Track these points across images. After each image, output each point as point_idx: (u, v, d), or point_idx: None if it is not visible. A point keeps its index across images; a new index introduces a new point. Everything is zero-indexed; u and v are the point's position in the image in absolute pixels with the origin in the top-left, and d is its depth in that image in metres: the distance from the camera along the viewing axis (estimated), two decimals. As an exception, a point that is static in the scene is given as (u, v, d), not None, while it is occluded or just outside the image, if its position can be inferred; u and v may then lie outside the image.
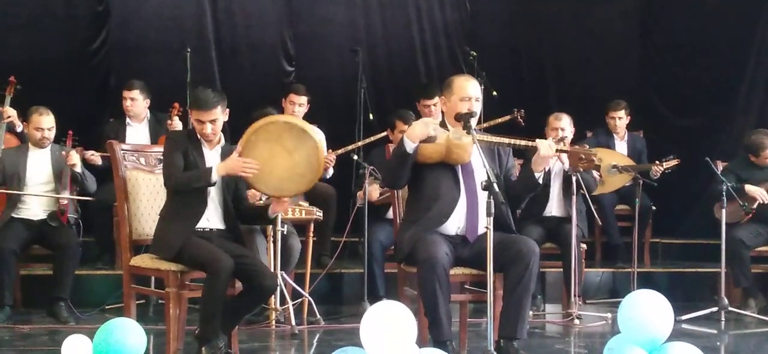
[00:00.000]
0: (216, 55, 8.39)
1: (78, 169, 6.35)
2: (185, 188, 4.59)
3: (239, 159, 4.53)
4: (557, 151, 4.69)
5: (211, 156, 4.70)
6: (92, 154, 6.84)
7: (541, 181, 4.63)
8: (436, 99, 6.52)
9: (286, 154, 4.53)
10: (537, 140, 4.58)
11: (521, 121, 6.99)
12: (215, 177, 4.56)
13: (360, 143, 7.06)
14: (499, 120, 7.00)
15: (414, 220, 4.61)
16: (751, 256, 6.87)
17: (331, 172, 7.20)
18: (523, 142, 4.66)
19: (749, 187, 6.81)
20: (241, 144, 4.56)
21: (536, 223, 6.51)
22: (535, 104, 7.96)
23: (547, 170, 4.73)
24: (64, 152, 6.35)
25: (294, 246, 6.16)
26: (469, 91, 4.64)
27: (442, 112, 4.78)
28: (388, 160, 4.80)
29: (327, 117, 7.68)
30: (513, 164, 4.88)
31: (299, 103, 7.09)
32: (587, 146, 5.27)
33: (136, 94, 7.09)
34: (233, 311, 4.63)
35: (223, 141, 4.78)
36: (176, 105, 7.04)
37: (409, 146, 4.49)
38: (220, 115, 4.67)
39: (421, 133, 4.51)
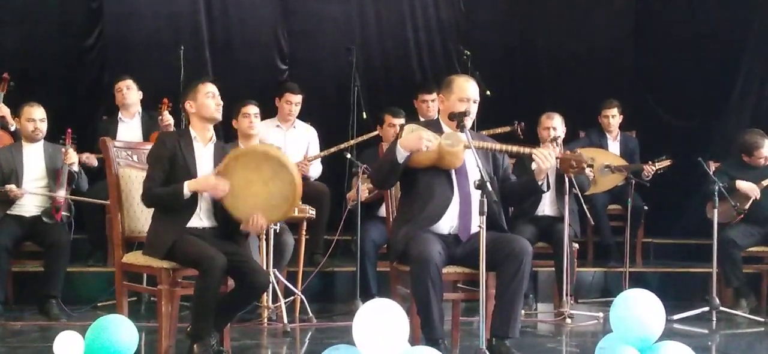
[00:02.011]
0: (210, 52, 8.38)
1: (76, 167, 6.36)
2: (159, 204, 4.60)
3: (211, 177, 4.55)
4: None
5: (204, 154, 4.70)
6: (87, 157, 6.82)
7: (544, 188, 4.66)
8: (435, 94, 6.52)
9: (262, 184, 4.54)
10: (534, 152, 4.57)
11: (521, 134, 6.97)
12: (187, 193, 4.57)
13: (353, 142, 7.06)
14: (499, 130, 6.98)
15: (407, 218, 4.61)
16: (743, 256, 6.88)
17: (319, 170, 7.20)
18: (516, 149, 4.67)
19: (740, 183, 6.82)
20: (220, 167, 4.57)
21: (529, 222, 6.52)
22: (529, 104, 7.96)
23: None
24: (64, 150, 6.34)
25: (287, 242, 6.16)
26: (468, 92, 4.64)
27: (439, 110, 4.78)
28: (378, 161, 4.80)
29: (320, 115, 7.68)
30: (508, 164, 4.88)
31: (295, 102, 7.09)
32: (578, 150, 5.26)
33: (129, 82, 7.10)
34: (225, 308, 4.63)
35: (215, 139, 4.78)
36: (166, 100, 7.04)
37: (401, 156, 4.49)
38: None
39: (415, 146, 4.49)
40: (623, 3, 9.05)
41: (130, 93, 7.09)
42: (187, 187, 4.56)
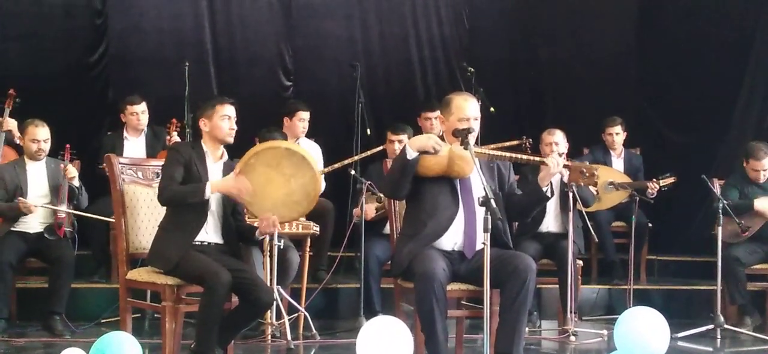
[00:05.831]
0: (214, 68, 8.41)
1: (76, 182, 6.36)
2: (178, 202, 4.59)
3: (237, 179, 4.54)
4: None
5: (215, 170, 4.71)
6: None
7: (549, 194, 4.67)
8: (437, 112, 6.53)
9: (283, 180, 4.56)
10: (547, 159, 4.62)
11: (528, 149, 6.99)
12: (208, 193, 4.56)
13: (357, 157, 7.07)
14: (507, 144, 7.00)
15: (411, 234, 4.60)
16: (747, 274, 6.87)
17: (323, 187, 7.19)
18: (524, 157, 4.69)
19: (758, 204, 6.76)
20: (240, 165, 4.57)
21: (533, 239, 6.50)
22: (532, 120, 7.96)
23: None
24: (62, 165, 6.35)
25: (293, 260, 6.16)
26: (467, 111, 4.63)
27: (442, 130, 4.79)
28: (389, 170, 4.81)
29: (325, 131, 7.69)
30: (514, 180, 4.89)
31: (307, 119, 7.11)
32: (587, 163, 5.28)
33: (144, 106, 7.14)
34: (230, 325, 4.63)
35: (226, 156, 4.79)
36: (174, 120, 7.07)
37: (410, 154, 4.49)
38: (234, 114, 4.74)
39: (423, 144, 4.52)
40: (626, 18, 9.06)
41: (143, 117, 7.13)
42: (210, 187, 4.55)
